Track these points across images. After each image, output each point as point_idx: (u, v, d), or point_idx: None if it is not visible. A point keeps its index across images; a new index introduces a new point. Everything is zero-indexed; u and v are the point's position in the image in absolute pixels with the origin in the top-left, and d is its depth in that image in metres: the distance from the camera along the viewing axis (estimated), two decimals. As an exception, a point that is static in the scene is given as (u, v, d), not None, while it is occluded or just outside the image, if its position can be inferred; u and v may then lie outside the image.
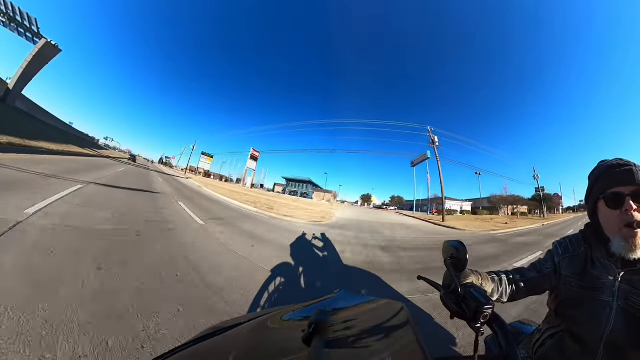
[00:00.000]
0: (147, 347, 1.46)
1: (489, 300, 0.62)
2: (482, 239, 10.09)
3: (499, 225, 17.31)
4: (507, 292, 0.90)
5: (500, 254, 6.60)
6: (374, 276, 3.66)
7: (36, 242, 2.53)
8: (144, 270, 2.45)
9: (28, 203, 3.69)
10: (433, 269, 4.37)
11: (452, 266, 0.74)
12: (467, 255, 0.72)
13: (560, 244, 0.95)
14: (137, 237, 3.41)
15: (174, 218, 5.20)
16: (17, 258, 2.16)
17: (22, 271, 1.98)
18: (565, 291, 0.88)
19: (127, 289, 2.04)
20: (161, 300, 2.00)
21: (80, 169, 10.66)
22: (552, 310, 0.96)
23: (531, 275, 0.95)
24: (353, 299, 0.93)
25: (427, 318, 2.45)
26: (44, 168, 7.91)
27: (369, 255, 5.00)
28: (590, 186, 0.86)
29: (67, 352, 1.30)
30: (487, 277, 0.87)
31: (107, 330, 1.51)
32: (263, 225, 6.74)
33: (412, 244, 7.29)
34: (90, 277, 2.07)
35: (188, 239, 3.93)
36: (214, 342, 0.61)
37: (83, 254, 2.50)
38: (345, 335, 0.61)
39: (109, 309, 1.73)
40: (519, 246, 8.38)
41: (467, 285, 0.72)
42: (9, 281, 1.80)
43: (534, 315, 2.55)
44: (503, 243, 8.92)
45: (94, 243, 2.84)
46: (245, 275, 2.93)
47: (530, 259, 6.22)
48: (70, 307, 1.64)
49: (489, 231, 13.31)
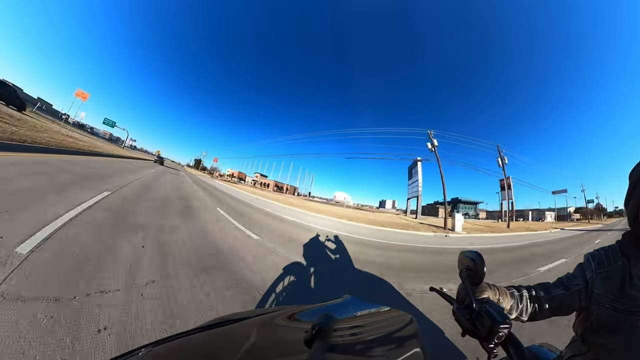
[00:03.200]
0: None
1: (506, 318, 0.57)
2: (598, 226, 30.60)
3: (592, 224, 37.78)
4: (527, 310, 0.81)
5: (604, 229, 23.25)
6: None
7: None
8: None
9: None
10: None
11: (468, 279, 0.70)
12: (484, 267, 0.67)
13: (593, 257, 0.82)
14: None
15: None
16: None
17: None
18: (597, 313, 0.75)
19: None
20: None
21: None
22: (579, 334, 0.85)
23: (557, 292, 0.82)
24: (361, 306, 0.91)
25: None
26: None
27: None
28: (630, 188, 0.73)
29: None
30: (506, 292, 0.80)
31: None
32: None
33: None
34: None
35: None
36: (220, 332, 0.62)
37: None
38: (348, 342, 0.59)
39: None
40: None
41: (483, 300, 0.68)
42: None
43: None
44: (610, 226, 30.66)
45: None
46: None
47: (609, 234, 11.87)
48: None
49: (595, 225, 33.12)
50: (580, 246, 10.99)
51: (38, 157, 7.76)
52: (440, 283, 3.88)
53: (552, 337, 2.43)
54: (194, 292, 2.22)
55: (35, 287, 1.72)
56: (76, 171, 7.16)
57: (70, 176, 6.17)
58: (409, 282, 3.69)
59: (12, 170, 5.05)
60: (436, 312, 2.68)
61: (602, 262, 0.80)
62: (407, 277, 3.91)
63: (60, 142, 14.07)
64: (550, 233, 18.07)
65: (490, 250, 8.39)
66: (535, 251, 8.56)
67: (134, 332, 1.56)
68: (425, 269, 4.78)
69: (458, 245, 9.10)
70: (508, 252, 7.94)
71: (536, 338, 2.36)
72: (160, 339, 0.56)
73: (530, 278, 4.89)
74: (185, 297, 2.10)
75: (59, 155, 10.14)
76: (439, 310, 2.71)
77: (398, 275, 3.95)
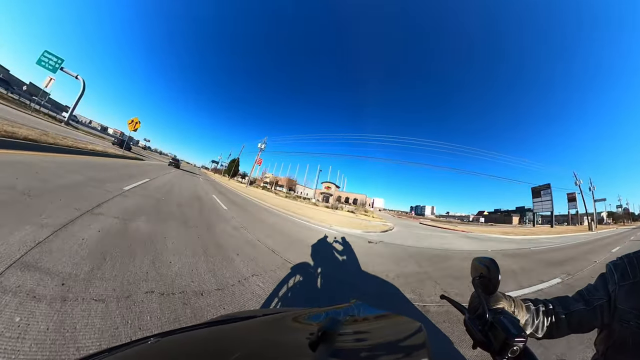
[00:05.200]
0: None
1: (521, 331, 0.54)
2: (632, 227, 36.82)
3: (626, 225, 43.84)
4: (543, 326, 0.75)
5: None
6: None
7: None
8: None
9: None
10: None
11: (481, 287, 0.67)
12: (499, 275, 0.64)
13: (616, 267, 0.75)
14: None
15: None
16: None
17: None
18: (621, 331, 0.68)
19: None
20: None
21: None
22: (600, 353, 0.78)
23: (577, 307, 0.76)
24: (368, 311, 0.89)
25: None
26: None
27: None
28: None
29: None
30: (522, 304, 0.75)
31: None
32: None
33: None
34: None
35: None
36: (227, 328, 0.63)
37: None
38: (353, 347, 0.58)
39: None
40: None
41: (497, 310, 0.64)
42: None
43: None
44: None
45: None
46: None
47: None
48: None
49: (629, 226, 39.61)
50: (628, 237, 19.01)
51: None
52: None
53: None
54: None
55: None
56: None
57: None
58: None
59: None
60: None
61: (625, 273, 0.72)
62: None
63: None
64: (598, 233, 24.80)
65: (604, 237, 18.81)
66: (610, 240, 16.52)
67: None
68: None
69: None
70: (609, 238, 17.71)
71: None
72: (168, 330, 0.58)
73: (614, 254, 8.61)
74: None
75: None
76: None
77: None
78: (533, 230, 26.63)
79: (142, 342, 0.51)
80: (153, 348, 0.51)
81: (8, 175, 4.18)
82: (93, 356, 0.47)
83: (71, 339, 1.39)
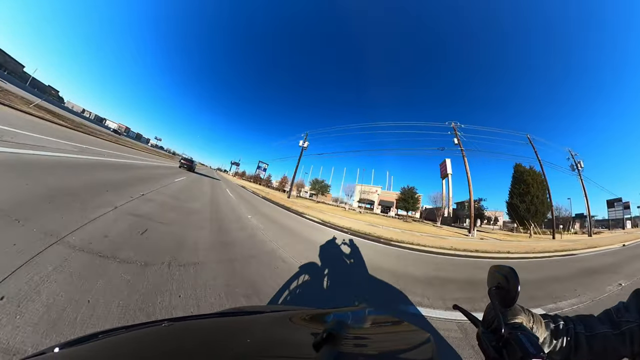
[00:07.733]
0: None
1: (540, 350, 0.49)
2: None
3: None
4: (561, 347, 0.66)
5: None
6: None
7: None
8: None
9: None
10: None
11: (498, 298, 0.62)
12: (518, 286, 0.58)
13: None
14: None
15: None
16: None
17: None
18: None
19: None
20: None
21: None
22: None
23: (602, 329, 0.64)
24: (376, 316, 0.88)
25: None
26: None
27: None
28: None
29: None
30: (541, 320, 0.68)
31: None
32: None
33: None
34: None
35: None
36: (234, 320, 0.65)
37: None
38: (357, 352, 0.56)
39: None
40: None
41: (515, 325, 0.60)
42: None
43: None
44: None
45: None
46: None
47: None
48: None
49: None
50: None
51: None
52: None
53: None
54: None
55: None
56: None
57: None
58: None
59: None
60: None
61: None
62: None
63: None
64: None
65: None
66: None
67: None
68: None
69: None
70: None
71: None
72: (179, 316, 0.62)
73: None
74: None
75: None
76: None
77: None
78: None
79: (156, 324, 0.55)
80: (165, 330, 0.55)
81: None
82: (112, 330, 0.51)
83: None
